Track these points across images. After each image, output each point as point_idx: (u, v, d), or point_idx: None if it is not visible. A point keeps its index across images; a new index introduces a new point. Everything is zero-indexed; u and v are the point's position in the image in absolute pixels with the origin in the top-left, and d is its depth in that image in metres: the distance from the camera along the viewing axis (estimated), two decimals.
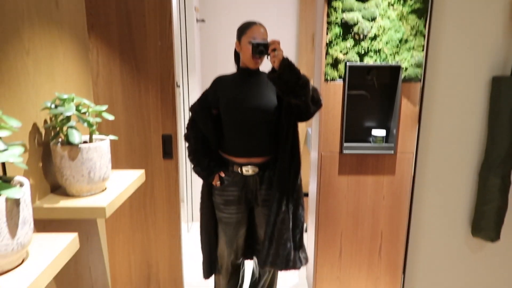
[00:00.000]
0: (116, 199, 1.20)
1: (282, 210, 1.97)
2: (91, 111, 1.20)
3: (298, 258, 2.08)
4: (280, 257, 2.01)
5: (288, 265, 2.03)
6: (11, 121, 0.80)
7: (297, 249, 2.08)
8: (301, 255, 2.10)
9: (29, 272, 0.81)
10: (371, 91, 2.35)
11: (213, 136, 2.09)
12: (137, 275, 2.71)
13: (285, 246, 2.00)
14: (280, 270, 2.06)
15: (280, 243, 1.99)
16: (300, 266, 2.09)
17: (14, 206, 0.77)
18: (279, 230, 1.98)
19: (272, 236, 1.99)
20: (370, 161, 2.40)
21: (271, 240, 2.00)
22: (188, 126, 2.16)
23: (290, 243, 2.01)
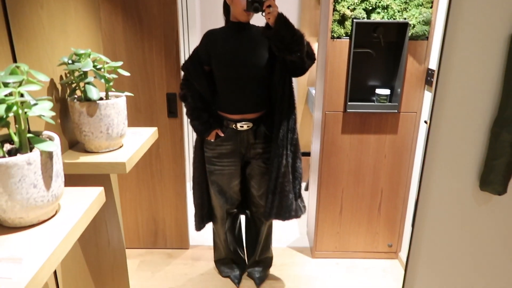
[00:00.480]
0: (134, 155, 1.22)
1: (283, 164, 2.02)
2: (107, 67, 1.19)
3: (299, 207, 2.18)
4: (284, 208, 2.09)
5: (291, 215, 2.12)
6: (39, 75, 0.80)
7: (297, 199, 2.16)
8: (301, 204, 2.19)
9: (64, 222, 0.84)
10: (377, 49, 2.33)
11: (208, 92, 2.08)
12: (144, 231, 2.79)
13: (287, 197, 2.07)
14: (284, 220, 2.15)
15: (283, 195, 2.06)
16: (301, 215, 2.19)
17: (48, 160, 0.79)
18: (281, 184, 2.05)
19: (275, 190, 2.06)
20: (373, 120, 2.43)
21: (274, 193, 2.07)
22: (182, 85, 2.13)
23: (291, 194, 2.08)
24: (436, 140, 1.01)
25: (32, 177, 0.76)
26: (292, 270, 2.64)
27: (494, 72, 0.96)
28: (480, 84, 0.98)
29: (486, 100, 0.99)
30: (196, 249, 2.87)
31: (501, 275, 1.16)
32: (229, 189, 2.25)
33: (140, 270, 2.63)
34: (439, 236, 1.11)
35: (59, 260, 0.78)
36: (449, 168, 1.04)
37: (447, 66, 0.95)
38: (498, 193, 1.02)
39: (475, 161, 1.04)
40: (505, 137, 0.96)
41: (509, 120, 0.95)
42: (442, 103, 0.97)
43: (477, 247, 1.13)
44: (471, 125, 1.01)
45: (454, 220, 1.10)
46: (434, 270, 1.16)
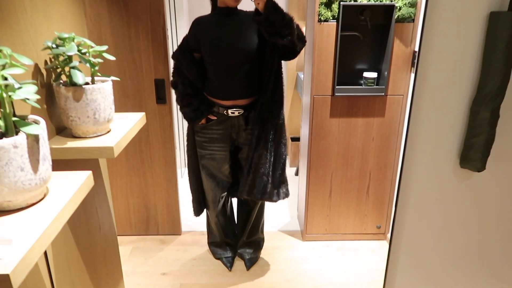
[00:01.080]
0: (122, 139, 1.23)
1: (261, 146, 2.04)
2: (92, 52, 1.19)
3: (277, 192, 2.18)
4: (256, 188, 2.11)
5: (263, 196, 2.14)
6: (23, 58, 0.80)
7: (278, 184, 2.17)
8: (281, 190, 2.20)
9: (52, 205, 0.85)
10: (364, 32, 2.34)
11: (199, 80, 2.09)
12: (136, 218, 2.81)
13: (261, 179, 2.09)
14: (256, 200, 2.18)
15: (256, 175, 2.08)
16: (277, 200, 2.19)
17: (34, 143, 0.80)
18: (256, 164, 2.07)
19: (250, 169, 2.09)
20: (361, 103, 2.46)
21: (248, 173, 2.10)
22: (173, 73, 2.15)
23: (266, 177, 2.10)
24: (417, 120, 1.04)
25: (19, 160, 0.77)
26: (283, 253, 2.68)
27: (473, 51, 0.98)
28: (459, 64, 1.00)
29: (466, 79, 1.01)
30: (188, 234, 2.90)
31: (480, 248, 1.20)
32: (219, 173, 2.27)
33: (133, 256, 2.65)
34: (422, 213, 1.14)
35: (49, 241, 0.79)
36: (431, 146, 1.07)
37: (427, 46, 0.96)
38: (477, 170, 1.05)
39: (456, 139, 1.06)
40: (484, 115, 0.98)
41: (487, 98, 0.97)
42: (423, 83, 0.99)
43: (458, 223, 1.16)
44: (451, 104, 1.03)
45: (435, 197, 1.13)
46: (417, 246, 1.20)
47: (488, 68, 0.97)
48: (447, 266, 1.22)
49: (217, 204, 2.39)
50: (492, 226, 1.17)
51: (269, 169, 2.10)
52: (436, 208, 1.13)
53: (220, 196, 2.37)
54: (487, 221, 1.16)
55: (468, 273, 1.22)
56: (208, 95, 2.12)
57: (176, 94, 2.15)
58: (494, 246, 1.19)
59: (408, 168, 1.08)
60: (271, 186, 2.14)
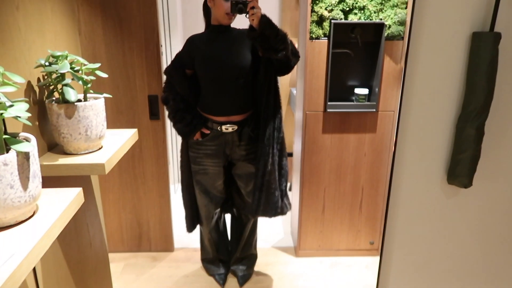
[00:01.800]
0: (114, 156, 1.23)
1: (270, 162, 2.05)
2: (84, 69, 1.20)
3: (285, 204, 2.21)
4: (270, 205, 2.12)
5: (277, 212, 2.16)
6: (15, 77, 0.81)
7: (284, 196, 2.19)
8: (286, 201, 2.23)
9: (41, 223, 0.85)
10: (355, 49, 2.38)
11: (190, 95, 2.11)
12: (128, 234, 2.79)
13: (274, 195, 2.10)
14: (270, 217, 2.18)
15: (269, 193, 2.09)
16: (287, 211, 2.23)
17: (25, 160, 0.80)
18: (267, 182, 2.08)
19: (262, 187, 2.09)
20: (353, 119, 2.48)
21: (261, 191, 2.10)
22: (164, 88, 2.16)
23: (278, 191, 2.12)
24: (405, 137, 1.06)
25: (9, 177, 0.77)
26: (276, 269, 2.66)
27: (457, 70, 1.01)
28: (445, 82, 1.02)
29: (451, 97, 1.03)
30: (181, 251, 2.87)
31: (469, 263, 1.21)
32: (213, 189, 2.27)
33: (125, 273, 2.62)
34: (411, 229, 1.15)
35: (38, 258, 0.79)
36: (418, 163, 1.09)
37: (413, 65, 0.99)
38: (464, 186, 1.07)
39: (443, 156, 1.08)
40: (469, 132, 1.01)
41: (472, 115, 1.00)
42: (410, 101, 1.01)
43: (447, 239, 1.17)
44: (437, 121, 1.05)
45: (424, 213, 1.14)
46: (407, 262, 1.20)
47: (471, 86, 0.99)
48: (437, 282, 1.23)
49: (210, 220, 2.38)
50: (480, 241, 1.18)
51: (277, 183, 2.12)
52: (425, 224, 1.14)
53: (213, 212, 2.36)
54: (476, 237, 1.17)
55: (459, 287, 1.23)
56: (202, 111, 2.14)
57: (168, 110, 2.16)
58: (482, 261, 1.20)
59: (396, 185, 1.09)
60: (280, 200, 2.16)
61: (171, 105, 2.12)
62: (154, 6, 2.29)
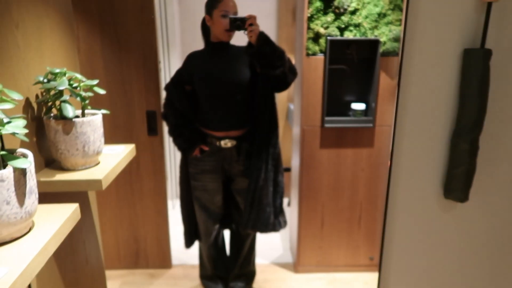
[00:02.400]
0: (111, 171, 1.23)
1: (262, 178, 2.06)
2: (83, 86, 1.21)
3: (278, 222, 2.19)
4: (261, 221, 2.11)
5: (267, 228, 2.14)
6: (13, 94, 0.82)
7: (278, 214, 2.18)
8: (281, 219, 2.21)
9: (36, 239, 0.85)
10: (351, 65, 2.41)
11: (190, 111, 2.13)
12: (125, 251, 2.76)
13: (264, 210, 2.10)
14: (261, 233, 2.17)
15: (260, 208, 2.09)
16: (280, 229, 2.21)
17: (21, 176, 0.80)
18: (258, 197, 2.07)
19: (253, 202, 2.09)
20: (350, 134, 2.50)
21: (251, 206, 2.10)
22: (165, 104, 2.19)
23: (269, 208, 2.11)
24: (400, 152, 1.06)
25: (5, 193, 0.77)
26: (275, 286, 2.63)
27: (450, 85, 1.02)
28: (438, 98, 1.04)
29: (444, 112, 1.04)
30: (178, 268, 2.84)
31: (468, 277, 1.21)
32: (211, 205, 2.26)
33: None
34: (408, 244, 1.15)
35: (32, 276, 0.78)
36: (414, 178, 1.09)
37: (406, 81, 1.00)
38: (460, 200, 1.07)
39: (439, 170, 1.09)
40: (463, 146, 1.01)
41: (465, 130, 1.01)
42: (404, 117, 1.03)
43: (444, 253, 1.17)
44: (432, 136, 1.06)
45: (421, 228, 1.14)
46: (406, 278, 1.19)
47: (464, 102, 1.01)
48: None
49: (209, 236, 2.37)
50: (478, 256, 1.18)
51: (270, 199, 2.12)
52: (423, 239, 1.13)
53: (212, 228, 2.35)
54: (474, 252, 1.17)
55: None
56: (201, 126, 2.15)
57: (168, 126, 2.18)
58: (480, 275, 1.20)
59: (393, 199, 1.10)
60: (273, 216, 2.15)
61: (170, 121, 2.14)
62: (153, 24, 2.32)
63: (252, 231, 2.22)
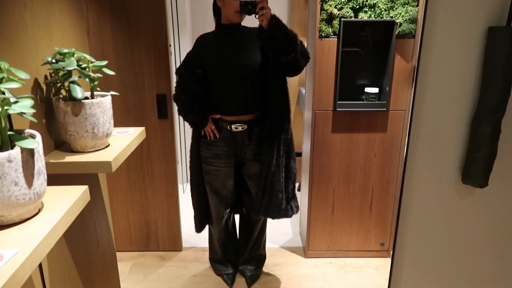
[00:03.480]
0: (120, 154, 1.22)
1: (274, 164, 2.03)
2: (91, 67, 1.19)
3: (290, 207, 2.17)
4: (272, 207, 2.10)
5: (280, 214, 2.12)
6: (19, 73, 0.80)
7: (290, 199, 2.16)
8: (293, 204, 2.19)
9: (46, 220, 0.84)
10: (365, 48, 2.35)
11: (201, 94, 2.09)
12: (136, 234, 2.78)
13: (276, 197, 2.08)
14: (273, 219, 2.16)
15: (272, 194, 2.07)
16: (292, 215, 2.19)
17: (29, 157, 0.79)
18: (270, 183, 2.05)
19: (265, 188, 2.07)
20: (363, 119, 2.45)
21: (263, 192, 2.08)
22: (176, 88, 2.15)
23: (281, 193, 2.09)
24: (417, 136, 1.03)
25: (13, 174, 0.76)
26: (284, 270, 2.64)
27: (473, 66, 0.98)
28: (459, 79, 0.99)
29: (466, 94, 1.00)
30: (189, 251, 2.86)
31: (484, 266, 1.18)
32: (223, 189, 2.25)
33: (133, 273, 2.61)
34: (423, 230, 1.12)
35: (42, 257, 0.78)
36: (432, 163, 1.06)
37: (426, 62, 0.96)
38: (479, 185, 1.03)
39: (457, 155, 1.05)
40: (484, 129, 0.97)
41: (487, 113, 0.96)
42: (423, 99, 0.98)
43: (461, 240, 1.14)
44: (451, 119, 1.02)
45: (437, 214, 1.11)
46: (420, 264, 1.17)
47: (487, 83, 0.96)
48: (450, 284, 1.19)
49: (220, 220, 2.37)
50: (496, 243, 1.15)
51: (282, 185, 2.09)
52: (438, 225, 1.10)
53: (223, 213, 2.35)
54: (491, 238, 1.14)
55: None
56: (212, 110, 2.12)
57: (179, 106, 2.13)
58: (497, 263, 1.17)
59: (409, 185, 1.07)
60: (285, 202, 2.13)
61: (182, 100, 2.09)
62: (163, 6, 2.28)
63: (264, 217, 2.20)
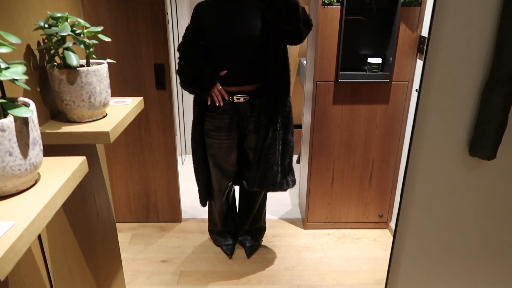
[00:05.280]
0: (119, 124, 1.19)
1: (270, 136, 2.00)
2: (86, 32, 1.14)
3: (286, 181, 2.16)
4: (267, 180, 2.08)
5: (275, 187, 2.12)
6: (10, 37, 0.76)
7: (286, 173, 2.14)
8: (289, 178, 2.18)
9: (43, 192, 0.82)
10: (369, 16, 2.28)
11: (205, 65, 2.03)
12: (136, 205, 2.79)
13: (271, 169, 2.06)
14: (267, 191, 2.15)
15: (267, 166, 2.05)
16: (287, 189, 2.18)
17: (23, 126, 0.76)
18: (266, 155, 2.03)
19: (260, 160, 2.05)
20: (365, 90, 2.40)
21: (258, 164, 2.06)
22: (179, 63, 2.06)
23: (277, 167, 2.07)
24: (425, 107, 0.99)
25: (7, 144, 0.73)
26: (283, 241, 2.66)
27: (486, 34, 0.93)
28: (471, 46, 0.95)
29: (477, 63, 0.96)
30: (188, 222, 2.88)
31: (490, 239, 1.17)
32: (226, 162, 2.23)
33: (133, 243, 2.64)
34: (428, 202, 1.10)
35: (40, 229, 0.76)
36: (439, 133, 1.03)
37: (438, 28, 0.91)
38: (487, 158, 1.01)
39: (465, 126, 1.02)
40: (496, 100, 0.94)
41: (500, 83, 0.93)
42: (433, 68, 0.95)
43: (466, 213, 1.13)
44: (462, 88, 0.99)
45: (443, 186, 1.09)
46: (423, 236, 1.16)
47: (501, 51, 0.92)
48: (453, 257, 1.20)
49: (222, 194, 2.36)
50: (502, 216, 1.14)
51: (278, 158, 2.07)
52: (443, 198, 1.09)
53: (225, 186, 2.34)
54: (497, 212, 1.13)
55: (475, 265, 1.19)
56: None
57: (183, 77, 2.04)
58: (503, 237, 1.16)
59: (415, 156, 1.04)
60: (280, 175, 2.11)
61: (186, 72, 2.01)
62: None
63: (258, 189, 2.19)
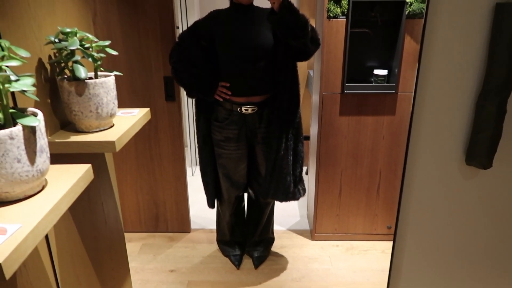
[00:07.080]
0: (124, 134, 1.23)
1: (282, 147, 2.03)
2: (95, 46, 1.19)
3: (297, 190, 2.19)
4: (281, 190, 2.11)
5: (287, 197, 2.14)
6: (20, 51, 0.81)
7: (297, 182, 2.17)
8: (300, 187, 2.21)
9: (49, 197, 0.86)
10: (374, 28, 2.30)
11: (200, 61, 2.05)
12: (145, 215, 2.83)
13: (285, 180, 2.08)
14: (281, 201, 2.17)
15: (280, 177, 2.08)
16: (299, 197, 2.21)
17: (31, 135, 0.80)
18: (279, 166, 2.06)
19: (273, 172, 2.08)
20: (371, 101, 2.42)
21: (272, 175, 2.09)
22: (171, 54, 2.09)
23: (289, 177, 2.10)
24: (421, 116, 1.01)
25: (16, 151, 0.78)
26: (291, 252, 2.66)
27: (479, 44, 0.95)
28: (464, 57, 0.97)
29: (471, 73, 0.98)
30: (197, 232, 2.90)
31: (487, 247, 1.17)
32: (235, 173, 2.26)
33: (142, 253, 2.67)
34: (426, 211, 1.11)
35: (44, 232, 0.79)
36: (435, 142, 1.04)
37: (431, 39, 0.94)
38: (483, 167, 1.02)
39: (461, 135, 1.03)
40: (489, 109, 0.95)
41: (493, 92, 0.94)
42: (427, 78, 0.97)
43: (464, 222, 1.13)
44: (456, 98, 1.00)
45: (440, 195, 1.10)
46: (422, 245, 1.17)
47: (493, 61, 0.93)
48: (453, 265, 1.19)
49: (231, 204, 2.39)
50: (499, 224, 1.14)
51: (290, 168, 2.10)
52: (441, 207, 1.10)
53: (234, 196, 2.36)
54: (494, 220, 1.13)
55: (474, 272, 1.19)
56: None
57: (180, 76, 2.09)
58: (501, 245, 1.16)
59: (411, 166, 1.06)
60: (293, 185, 2.14)
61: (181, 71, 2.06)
62: None
63: (272, 200, 2.22)
